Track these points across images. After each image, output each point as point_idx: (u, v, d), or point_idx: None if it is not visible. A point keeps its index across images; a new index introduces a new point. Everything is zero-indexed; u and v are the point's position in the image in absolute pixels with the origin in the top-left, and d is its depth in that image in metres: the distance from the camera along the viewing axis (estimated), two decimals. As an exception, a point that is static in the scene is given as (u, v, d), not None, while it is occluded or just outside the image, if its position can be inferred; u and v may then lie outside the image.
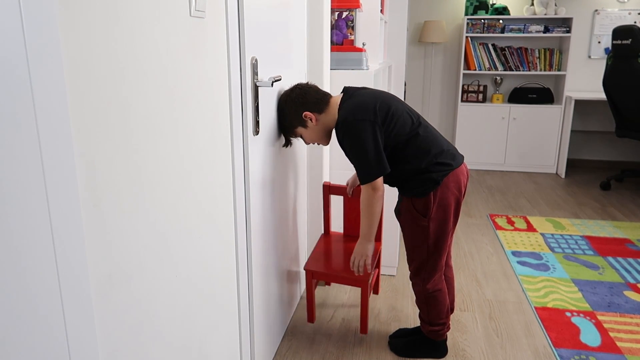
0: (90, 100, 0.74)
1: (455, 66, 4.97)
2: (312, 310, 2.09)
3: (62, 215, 0.68)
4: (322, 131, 1.74)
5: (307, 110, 1.70)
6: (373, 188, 1.62)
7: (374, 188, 1.62)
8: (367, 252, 1.75)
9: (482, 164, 4.78)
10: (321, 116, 1.71)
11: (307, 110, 1.70)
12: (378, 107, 1.59)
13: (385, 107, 1.60)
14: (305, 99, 1.71)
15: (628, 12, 4.55)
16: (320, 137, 1.77)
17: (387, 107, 1.61)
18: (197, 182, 1.12)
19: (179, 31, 1.00)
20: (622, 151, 4.83)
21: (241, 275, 1.44)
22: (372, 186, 1.62)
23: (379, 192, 1.63)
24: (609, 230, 3.18)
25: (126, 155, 0.83)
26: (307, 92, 1.72)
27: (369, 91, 1.69)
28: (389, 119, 1.59)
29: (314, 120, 1.71)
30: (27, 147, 0.62)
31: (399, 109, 1.63)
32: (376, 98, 1.63)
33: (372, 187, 1.62)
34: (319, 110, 1.71)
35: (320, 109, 1.71)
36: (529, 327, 2.08)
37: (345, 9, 2.68)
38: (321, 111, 1.71)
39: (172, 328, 1.04)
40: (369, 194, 1.63)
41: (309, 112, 1.70)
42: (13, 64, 0.59)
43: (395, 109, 1.62)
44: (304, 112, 1.70)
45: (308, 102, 1.70)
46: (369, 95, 1.65)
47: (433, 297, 1.77)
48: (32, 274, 0.64)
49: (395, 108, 1.62)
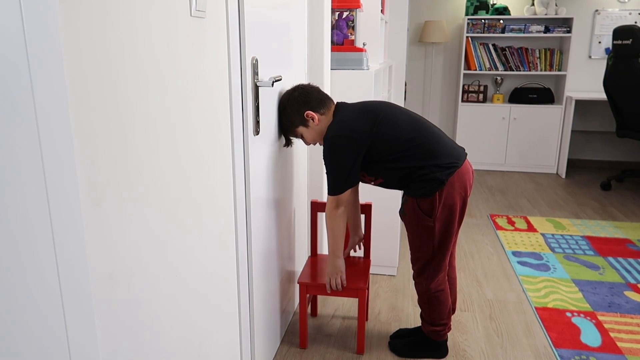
0: (90, 100, 0.74)
1: (456, 66, 4.97)
2: (305, 332, 1.90)
3: (63, 215, 0.68)
4: (323, 132, 1.75)
5: (309, 110, 1.71)
6: (337, 203, 1.69)
7: (337, 204, 1.69)
8: (339, 269, 1.79)
9: (482, 164, 4.78)
10: (322, 117, 1.72)
11: (309, 110, 1.71)
12: (363, 120, 1.62)
13: (372, 117, 1.63)
14: (308, 98, 1.71)
15: (628, 12, 4.54)
16: (321, 137, 1.77)
17: (374, 117, 1.62)
18: (198, 182, 1.12)
19: (179, 31, 1.00)
20: (623, 151, 4.83)
21: (241, 276, 1.44)
22: (336, 200, 1.69)
23: (340, 209, 1.70)
24: (609, 230, 3.18)
25: (126, 155, 0.83)
26: (310, 92, 1.73)
27: (358, 104, 1.71)
28: (377, 127, 1.61)
29: (316, 119, 1.71)
30: (27, 147, 0.62)
31: (391, 114, 1.64)
32: (362, 110, 1.66)
33: (336, 202, 1.69)
34: (322, 112, 1.72)
35: (323, 110, 1.72)
36: (529, 327, 2.08)
37: (345, 9, 2.68)
38: (323, 113, 1.72)
39: (172, 328, 1.04)
40: (331, 208, 1.71)
41: (311, 111, 1.70)
42: (13, 64, 0.59)
43: (386, 115, 1.63)
44: (306, 111, 1.70)
45: (310, 101, 1.71)
46: (355, 110, 1.68)
47: (435, 297, 1.77)
48: (32, 273, 0.64)
49: (386, 114, 1.63)
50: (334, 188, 1.67)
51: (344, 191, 1.66)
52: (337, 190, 1.67)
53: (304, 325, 1.90)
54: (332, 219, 1.72)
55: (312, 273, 1.94)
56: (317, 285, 1.86)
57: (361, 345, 1.88)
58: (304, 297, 1.88)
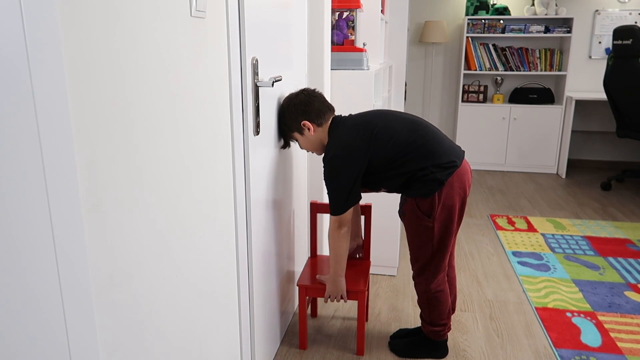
0: (91, 100, 0.74)
1: (456, 66, 4.97)
2: (304, 333, 1.90)
3: (63, 215, 0.68)
4: (317, 142, 1.75)
5: (306, 120, 1.70)
6: (339, 224, 1.68)
7: (340, 224, 1.68)
8: (341, 288, 1.79)
9: (482, 164, 4.78)
10: (318, 129, 1.72)
11: (306, 120, 1.70)
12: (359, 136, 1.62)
13: (368, 132, 1.62)
14: (308, 108, 1.70)
15: (629, 12, 4.54)
16: (315, 147, 1.77)
17: (370, 131, 1.62)
18: (198, 182, 1.12)
19: (179, 31, 1.00)
20: (623, 151, 4.83)
21: (241, 276, 1.44)
22: (338, 221, 1.68)
23: (344, 229, 1.69)
24: (609, 230, 3.18)
25: (127, 155, 0.83)
26: (312, 100, 1.72)
27: (353, 119, 1.70)
28: (374, 141, 1.61)
29: (312, 130, 1.71)
30: (27, 147, 0.62)
31: (385, 125, 1.63)
32: (358, 126, 1.65)
33: (339, 222, 1.68)
34: (318, 123, 1.71)
35: (320, 122, 1.71)
36: (529, 327, 2.08)
37: (345, 9, 2.68)
38: (320, 124, 1.71)
39: (173, 328, 1.04)
40: (334, 228, 1.70)
41: (308, 121, 1.70)
42: (14, 64, 0.59)
43: (381, 128, 1.62)
44: (303, 120, 1.70)
45: (310, 111, 1.70)
46: (351, 127, 1.66)
47: (435, 298, 1.77)
48: (33, 274, 0.64)
49: (381, 126, 1.63)
50: (336, 208, 1.67)
51: (345, 211, 1.66)
52: (338, 210, 1.66)
53: (303, 327, 1.90)
54: (336, 239, 1.71)
55: (312, 275, 1.93)
56: (317, 287, 1.86)
57: (361, 346, 1.88)
58: (304, 299, 1.88)
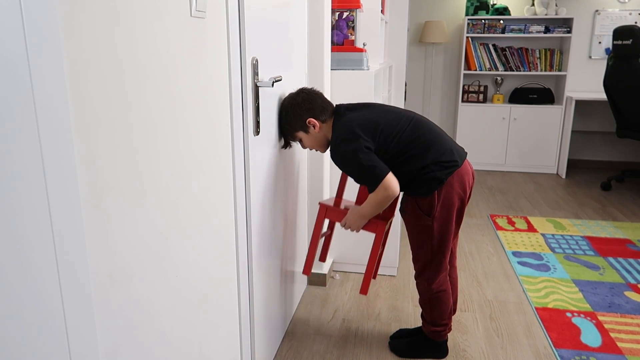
0: (90, 100, 0.74)
1: (456, 66, 4.97)
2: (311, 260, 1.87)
3: (63, 215, 0.68)
4: (322, 139, 1.75)
5: (312, 117, 1.70)
6: (385, 188, 1.56)
7: (385, 188, 1.56)
8: (359, 224, 1.71)
9: (482, 164, 4.78)
10: (323, 125, 1.72)
11: (312, 117, 1.70)
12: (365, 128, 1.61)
13: (372, 126, 1.61)
14: (312, 105, 1.70)
15: (629, 13, 4.54)
16: (320, 144, 1.77)
17: (374, 126, 1.61)
18: (198, 182, 1.12)
19: (179, 31, 1.00)
20: (623, 151, 4.83)
21: (241, 276, 1.44)
22: (383, 187, 1.56)
23: (390, 191, 1.56)
24: (609, 230, 3.18)
25: (127, 155, 0.83)
26: (314, 98, 1.72)
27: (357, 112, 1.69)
28: (379, 136, 1.60)
29: (317, 127, 1.71)
30: (27, 147, 0.62)
31: (389, 122, 1.63)
32: (363, 119, 1.64)
33: (384, 188, 1.56)
34: (323, 120, 1.71)
35: (324, 118, 1.71)
36: (529, 327, 2.08)
37: (345, 9, 2.68)
38: (324, 120, 1.71)
39: (173, 328, 1.04)
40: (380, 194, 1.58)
41: (313, 119, 1.70)
42: (14, 63, 0.59)
43: (386, 124, 1.62)
44: (308, 118, 1.70)
45: (314, 108, 1.70)
46: (356, 118, 1.65)
47: (437, 298, 1.77)
48: (32, 273, 0.64)
49: (386, 123, 1.62)
50: (374, 182, 1.57)
51: (380, 180, 1.55)
52: (377, 181, 1.56)
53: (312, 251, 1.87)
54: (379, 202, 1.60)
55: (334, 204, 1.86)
56: (337, 211, 1.79)
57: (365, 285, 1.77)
58: (321, 220, 1.83)
